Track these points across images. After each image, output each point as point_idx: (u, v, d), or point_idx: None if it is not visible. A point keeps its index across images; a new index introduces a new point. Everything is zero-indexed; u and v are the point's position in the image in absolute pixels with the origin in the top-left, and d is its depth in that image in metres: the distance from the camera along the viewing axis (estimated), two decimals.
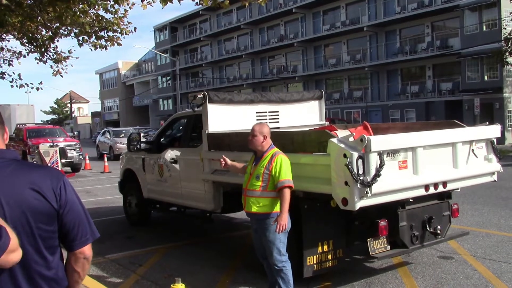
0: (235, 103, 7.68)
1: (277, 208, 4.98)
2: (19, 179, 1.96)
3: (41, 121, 71.53)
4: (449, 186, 5.94)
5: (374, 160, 5.03)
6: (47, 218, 1.98)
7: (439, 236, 6.10)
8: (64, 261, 2.16)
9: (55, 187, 2.02)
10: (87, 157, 23.91)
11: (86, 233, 2.12)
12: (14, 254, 1.79)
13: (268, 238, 5.01)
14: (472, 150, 6.21)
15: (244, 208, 5.27)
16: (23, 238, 1.92)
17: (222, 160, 5.59)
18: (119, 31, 10.24)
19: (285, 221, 4.86)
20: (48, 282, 2.01)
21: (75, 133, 45.58)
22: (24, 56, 11.64)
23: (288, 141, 5.89)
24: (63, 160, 17.62)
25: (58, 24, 10.08)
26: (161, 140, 9.22)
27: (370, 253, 5.72)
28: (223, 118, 7.42)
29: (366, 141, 4.93)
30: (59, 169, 16.05)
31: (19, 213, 1.92)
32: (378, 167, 5.01)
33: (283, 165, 4.94)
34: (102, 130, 36.11)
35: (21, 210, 1.92)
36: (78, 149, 21.89)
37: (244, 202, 5.21)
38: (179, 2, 8.05)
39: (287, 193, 4.89)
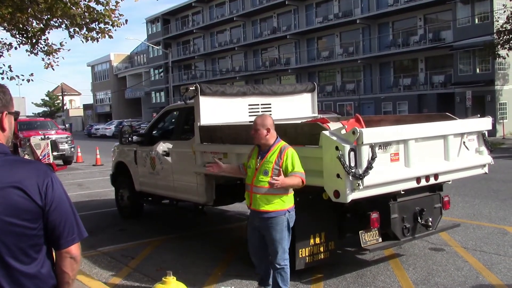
0: (228, 96, 7.66)
1: (286, 206, 4.80)
2: (3, 174, 1.91)
3: (33, 113, 71.12)
4: (441, 179, 5.96)
5: (366, 152, 5.04)
6: (30, 215, 1.93)
7: (431, 228, 6.13)
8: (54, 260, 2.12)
9: (41, 184, 1.97)
10: (79, 150, 23.81)
11: (73, 232, 2.06)
12: None
13: (275, 237, 4.80)
14: (464, 142, 6.24)
15: (249, 206, 4.95)
16: (3, 236, 1.88)
17: (213, 164, 5.30)
18: (111, 23, 10.15)
19: (282, 183, 4.61)
20: (32, 280, 1.97)
21: (67, 125, 45.40)
22: (16, 48, 11.50)
23: (280, 133, 5.85)
24: (55, 153, 17.49)
25: (49, 16, 9.97)
26: (153, 132, 9.19)
27: (362, 245, 5.75)
28: (215, 110, 7.40)
29: (358, 134, 4.94)
30: (51, 161, 15.96)
31: (0, 210, 1.87)
32: (370, 159, 5.02)
33: (295, 159, 4.74)
34: None
35: (2, 208, 1.87)
36: (70, 141, 21.79)
37: (250, 199, 4.88)
38: None
39: (297, 179, 4.68)
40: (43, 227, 1.99)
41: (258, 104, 8.05)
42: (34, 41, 10.83)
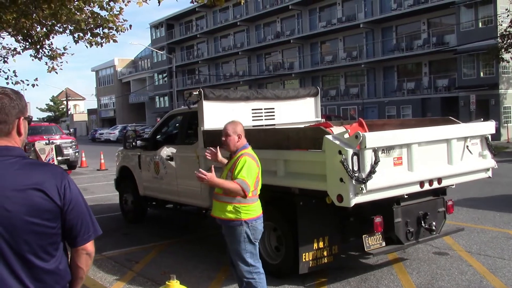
0: (231, 100, 7.68)
1: (243, 216, 4.49)
2: (23, 177, 2.02)
3: (37, 118, 71.41)
4: (444, 183, 5.95)
5: (369, 156, 5.04)
6: (50, 215, 2.04)
7: (434, 232, 6.13)
8: (69, 257, 2.23)
9: (59, 185, 2.08)
10: (83, 154, 23.87)
11: (88, 230, 2.19)
12: None
13: (233, 248, 4.57)
14: (467, 146, 6.23)
15: (211, 213, 4.84)
16: (26, 235, 1.98)
17: (212, 152, 5.01)
18: (115, 28, 10.20)
19: (210, 181, 4.35)
20: (51, 276, 2.08)
21: (71, 130, 45.47)
22: (19, 53, 11.57)
23: (283, 138, 5.90)
24: (59, 158, 17.56)
25: (53, 21, 10.04)
26: (157, 137, 9.22)
27: (366, 250, 5.74)
28: (218, 115, 7.41)
29: (361, 138, 4.94)
30: None
31: (23, 211, 1.98)
32: (373, 163, 5.02)
33: (244, 167, 4.43)
34: None
35: (25, 208, 1.98)
36: (74, 146, 21.85)
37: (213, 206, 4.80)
38: None
39: (233, 185, 4.38)
40: (61, 225, 2.11)
41: (261, 109, 8.08)
42: (38, 46, 10.90)
